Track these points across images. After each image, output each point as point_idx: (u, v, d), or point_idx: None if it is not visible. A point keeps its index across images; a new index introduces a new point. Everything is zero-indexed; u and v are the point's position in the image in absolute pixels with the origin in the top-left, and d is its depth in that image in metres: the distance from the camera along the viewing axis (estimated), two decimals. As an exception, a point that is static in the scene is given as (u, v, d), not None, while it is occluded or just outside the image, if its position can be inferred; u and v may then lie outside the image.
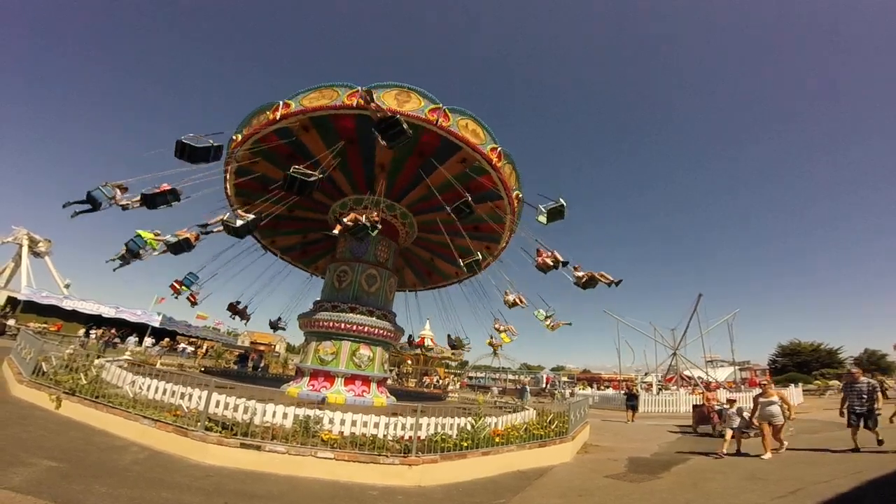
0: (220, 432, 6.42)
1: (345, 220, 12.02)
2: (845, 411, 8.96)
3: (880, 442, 8.63)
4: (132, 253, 12.10)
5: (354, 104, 11.68)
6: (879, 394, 8.70)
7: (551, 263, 12.59)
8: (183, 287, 16.56)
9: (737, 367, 38.82)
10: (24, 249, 42.60)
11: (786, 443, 9.44)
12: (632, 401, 18.82)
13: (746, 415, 9.94)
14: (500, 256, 18.00)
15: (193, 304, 17.73)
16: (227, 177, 15.12)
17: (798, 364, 50.43)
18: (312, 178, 10.78)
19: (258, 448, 6.18)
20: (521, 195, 14.80)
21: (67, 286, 43.31)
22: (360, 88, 11.42)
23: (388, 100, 11.59)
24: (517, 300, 14.66)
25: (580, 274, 12.68)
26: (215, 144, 11.75)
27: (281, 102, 12.28)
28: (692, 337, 33.35)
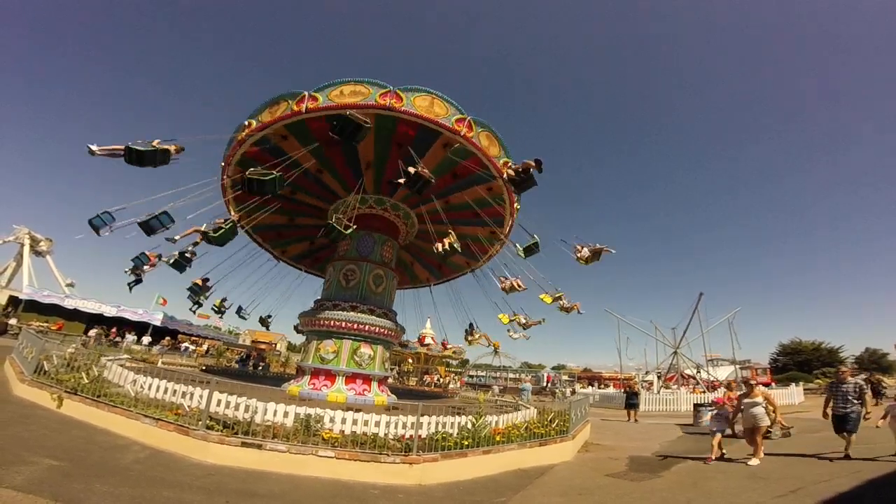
0: (222, 431, 6.43)
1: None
2: (829, 413, 8.39)
3: (846, 457, 7.85)
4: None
5: (387, 104, 11.63)
6: (868, 396, 8.09)
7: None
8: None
9: (738, 366, 38.76)
10: (26, 249, 42.64)
11: (762, 449, 8.42)
12: (632, 399, 18.33)
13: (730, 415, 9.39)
14: (508, 236, 16.93)
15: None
16: (225, 192, 15.16)
17: (799, 363, 50.45)
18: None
19: (259, 447, 6.20)
20: (510, 161, 13.76)
21: (70, 285, 43.36)
22: (305, 93, 11.73)
23: (335, 97, 11.75)
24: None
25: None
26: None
27: (307, 93, 12.02)
28: (693, 336, 33.27)
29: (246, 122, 13.17)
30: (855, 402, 7.91)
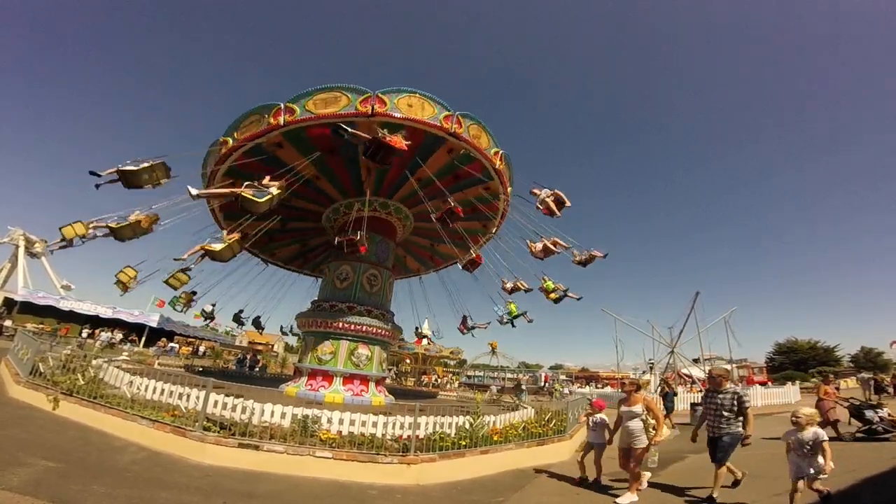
0: (219, 432, 6.42)
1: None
2: (699, 434, 6.43)
3: (711, 499, 5.83)
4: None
5: (370, 111, 11.39)
6: (749, 410, 5.87)
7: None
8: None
9: (734, 365, 38.90)
10: (21, 250, 42.41)
11: (645, 479, 6.53)
12: (669, 402, 14.92)
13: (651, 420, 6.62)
14: (500, 228, 17.28)
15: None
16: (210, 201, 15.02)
17: (795, 362, 50.66)
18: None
19: (256, 448, 6.18)
20: (501, 151, 14.05)
21: (66, 287, 43.13)
22: (371, 93, 11.39)
23: (312, 107, 11.59)
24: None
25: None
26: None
27: (282, 105, 11.81)
28: (690, 335, 33.35)
29: (221, 139, 12.97)
30: (732, 419, 5.86)
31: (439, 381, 35.61)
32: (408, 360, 36.23)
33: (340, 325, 14.04)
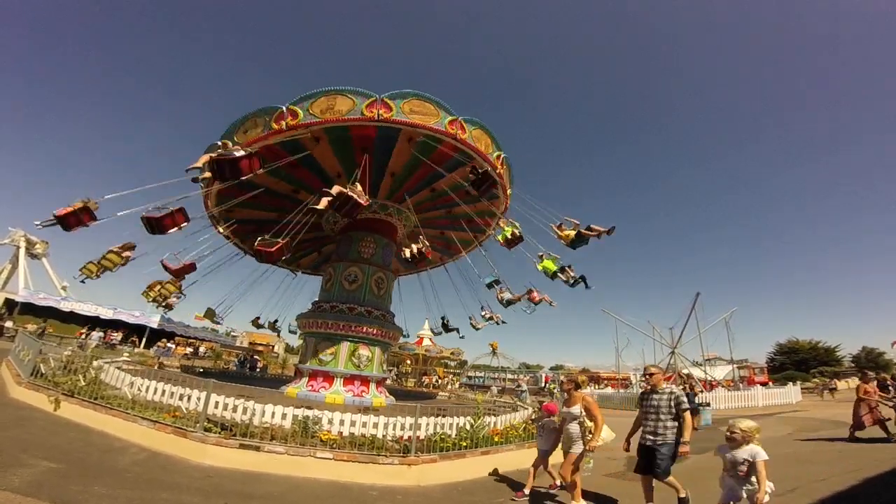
0: (220, 433, 6.42)
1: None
2: (633, 443, 5.67)
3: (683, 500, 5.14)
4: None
5: (376, 116, 11.31)
6: (687, 414, 5.10)
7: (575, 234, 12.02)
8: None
9: (735, 366, 38.91)
10: (22, 251, 42.51)
11: (578, 491, 5.45)
12: (692, 403, 13.28)
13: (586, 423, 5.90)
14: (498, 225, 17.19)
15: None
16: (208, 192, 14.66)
17: (796, 362, 50.59)
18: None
19: (257, 448, 6.19)
20: (502, 155, 14.17)
21: (65, 288, 43.18)
22: (378, 96, 11.32)
23: (317, 111, 11.45)
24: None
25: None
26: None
27: (285, 108, 11.58)
28: (691, 335, 33.39)
29: (219, 143, 12.29)
30: (669, 424, 5.13)
31: (440, 381, 35.58)
32: (408, 361, 36.19)
33: (341, 325, 14.05)
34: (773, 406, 22.53)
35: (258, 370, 27.42)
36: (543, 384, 44.86)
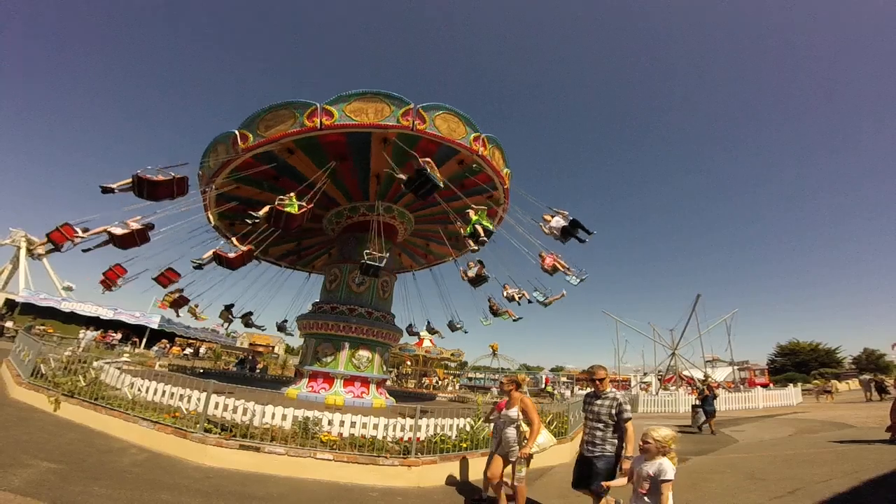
0: (220, 434, 6.42)
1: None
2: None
3: None
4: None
5: (412, 126, 11.34)
6: (629, 425, 4.44)
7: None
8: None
9: (735, 367, 38.89)
10: (22, 251, 42.53)
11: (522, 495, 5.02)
12: (709, 405, 13.70)
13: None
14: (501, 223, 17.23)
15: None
16: (208, 204, 14.86)
17: (797, 364, 50.54)
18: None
19: (257, 449, 6.18)
20: (509, 171, 14.84)
21: (67, 289, 43.20)
22: (413, 106, 11.38)
23: (352, 113, 11.36)
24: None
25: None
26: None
27: (319, 106, 11.30)
28: (691, 337, 33.37)
29: (237, 132, 12.11)
30: (609, 434, 4.53)
31: (440, 383, 35.55)
32: (408, 363, 36.18)
33: (341, 327, 14.06)
34: (774, 408, 22.51)
35: (258, 371, 27.41)
36: (543, 385, 44.84)
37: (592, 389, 4.90)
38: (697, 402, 15.13)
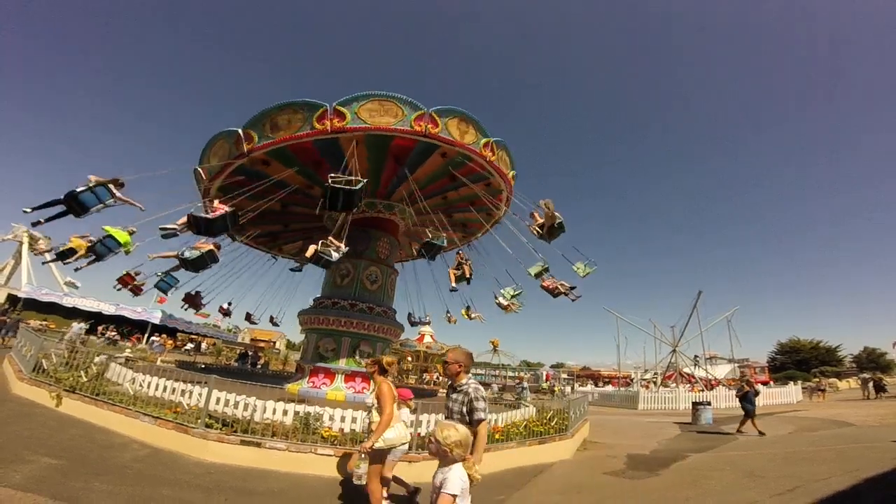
0: (221, 429, 6.43)
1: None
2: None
3: None
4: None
5: (424, 131, 11.25)
6: (483, 427, 3.62)
7: (561, 289, 12.74)
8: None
9: (736, 365, 38.94)
10: (24, 247, 42.57)
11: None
12: (749, 402, 12.23)
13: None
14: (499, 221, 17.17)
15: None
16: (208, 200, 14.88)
17: (797, 362, 50.58)
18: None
19: (258, 445, 6.20)
20: (514, 173, 14.95)
21: (70, 284, 43.28)
22: (426, 110, 11.31)
23: (365, 115, 11.18)
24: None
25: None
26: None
27: (330, 107, 11.05)
28: (692, 334, 33.36)
29: (241, 131, 11.80)
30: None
31: (440, 378, 35.63)
32: (409, 358, 36.26)
33: (342, 322, 14.08)
34: (774, 406, 22.53)
35: (259, 366, 27.50)
36: (544, 381, 44.93)
37: (450, 380, 4.03)
38: (697, 400, 15.17)
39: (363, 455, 4.37)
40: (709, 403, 16.26)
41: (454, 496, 2.59)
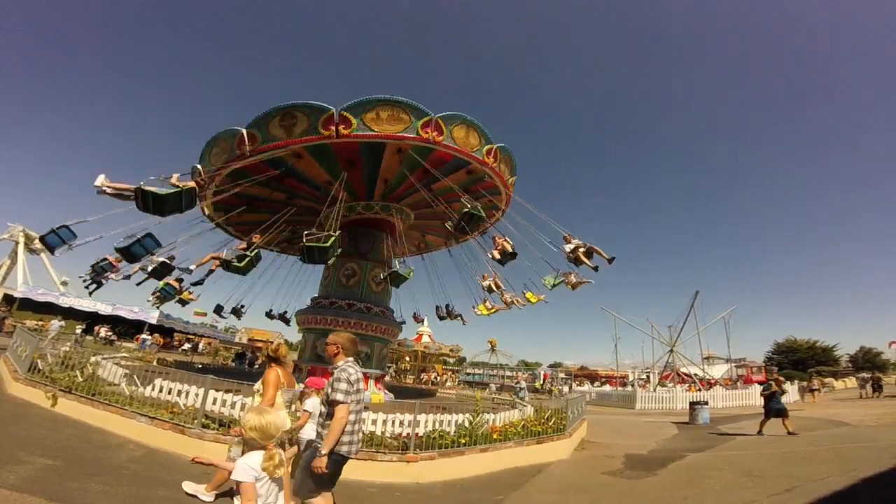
0: (217, 430, 6.41)
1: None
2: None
3: None
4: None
5: (430, 139, 11.21)
6: (338, 409, 3.45)
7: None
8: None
9: (733, 364, 39.05)
10: (20, 246, 42.35)
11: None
12: (777, 402, 11.40)
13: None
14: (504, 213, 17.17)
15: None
16: (205, 197, 14.49)
17: (794, 361, 50.80)
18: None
19: (255, 445, 6.16)
20: (514, 179, 15.09)
21: (65, 283, 43.11)
22: (432, 116, 11.24)
23: (371, 122, 11.06)
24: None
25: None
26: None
27: (336, 112, 10.92)
28: (689, 334, 33.44)
29: (244, 131, 11.68)
30: (328, 423, 3.53)
31: (439, 378, 35.64)
32: (407, 358, 36.25)
33: (339, 321, 14.06)
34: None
35: (257, 366, 27.45)
36: (542, 381, 44.98)
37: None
38: (695, 399, 15.20)
39: (238, 439, 4.23)
40: (706, 403, 16.30)
41: (238, 483, 2.39)
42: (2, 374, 9.97)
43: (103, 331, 31.10)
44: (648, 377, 36.67)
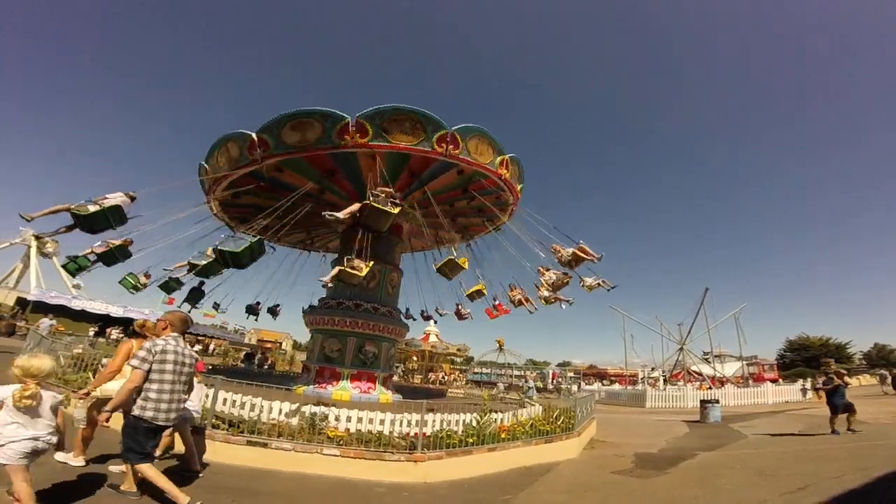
0: (227, 430, 6.46)
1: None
2: None
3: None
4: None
5: (446, 152, 11.14)
6: (132, 374, 4.02)
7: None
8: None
9: (744, 362, 38.62)
10: (33, 250, 43.02)
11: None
12: (840, 397, 10.54)
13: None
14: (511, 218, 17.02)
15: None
16: (211, 201, 14.96)
17: (806, 359, 50.08)
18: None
19: (264, 445, 6.21)
20: (522, 186, 15.04)
21: (77, 287, 43.69)
22: (448, 129, 11.13)
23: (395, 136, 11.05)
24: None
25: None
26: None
27: (352, 120, 10.69)
28: (699, 332, 33.14)
29: (254, 136, 11.43)
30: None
31: (446, 378, 35.64)
32: (415, 358, 36.29)
33: (347, 322, 14.09)
34: (783, 403, 22.34)
35: (266, 366, 27.63)
36: (551, 380, 44.80)
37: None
38: (705, 398, 15.04)
39: (80, 400, 4.86)
40: (717, 401, 16.14)
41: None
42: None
43: (115, 333, 31.46)
44: (665, 378, 36.33)
